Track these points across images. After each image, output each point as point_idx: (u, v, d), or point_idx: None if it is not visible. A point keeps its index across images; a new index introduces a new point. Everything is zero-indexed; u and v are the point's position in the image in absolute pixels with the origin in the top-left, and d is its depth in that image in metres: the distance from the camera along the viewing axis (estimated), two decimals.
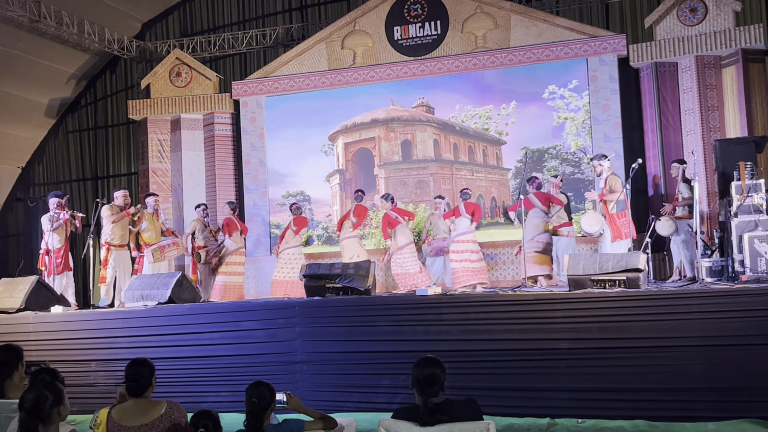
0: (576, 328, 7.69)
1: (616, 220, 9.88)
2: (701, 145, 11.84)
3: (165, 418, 4.50)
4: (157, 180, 14.97)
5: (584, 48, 12.75)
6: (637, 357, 7.42)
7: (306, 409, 4.84)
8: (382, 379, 8.26)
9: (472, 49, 13.39)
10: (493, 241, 12.90)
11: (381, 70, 13.84)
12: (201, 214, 12.55)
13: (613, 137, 12.53)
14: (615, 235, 9.84)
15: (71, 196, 15.32)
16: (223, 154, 14.84)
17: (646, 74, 12.56)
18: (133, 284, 10.34)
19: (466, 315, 8.21)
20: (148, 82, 15.17)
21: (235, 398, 7.69)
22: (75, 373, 9.28)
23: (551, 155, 13.01)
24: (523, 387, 7.79)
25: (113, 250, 11.24)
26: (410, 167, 13.86)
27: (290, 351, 8.78)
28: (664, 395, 7.29)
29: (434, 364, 4.16)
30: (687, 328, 7.32)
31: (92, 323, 9.65)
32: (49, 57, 14.96)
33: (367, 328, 8.57)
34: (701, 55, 12.05)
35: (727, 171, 9.92)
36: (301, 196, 14.28)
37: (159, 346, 9.13)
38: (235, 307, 9.60)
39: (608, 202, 9.88)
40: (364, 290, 9.61)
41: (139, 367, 4.59)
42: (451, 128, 13.66)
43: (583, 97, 12.82)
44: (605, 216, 9.95)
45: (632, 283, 8.13)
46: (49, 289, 10.73)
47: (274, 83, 14.47)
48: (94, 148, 16.56)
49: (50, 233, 11.21)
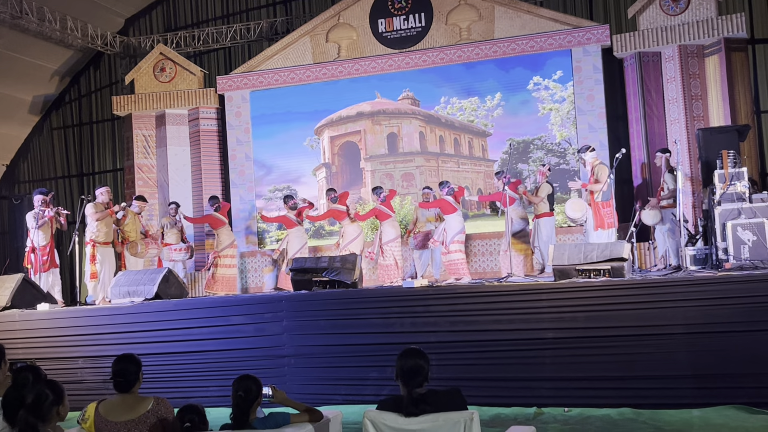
0: (561, 317, 7.75)
1: (600, 209, 9.94)
2: (685, 134, 11.90)
3: (152, 413, 4.52)
4: (143, 176, 14.93)
5: (568, 39, 12.78)
6: (623, 345, 7.48)
7: (292, 402, 4.86)
8: (370, 371, 8.30)
9: (456, 41, 13.40)
10: (480, 232, 12.93)
11: (366, 63, 13.84)
12: (172, 212, 12.72)
13: (597, 127, 12.58)
14: (597, 224, 9.91)
15: (57, 193, 15.27)
16: (209, 149, 14.81)
17: (630, 64, 12.61)
18: (120, 281, 10.33)
19: (453, 306, 8.25)
20: (132, 78, 15.11)
21: (223, 393, 7.65)
22: (62, 370, 9.28)
23: (536, 146, 13.05)
24: (510, 377, 7.85)
25: (98, 246, 11.22)
26: (396, 160, 13.87)
27: (278, 345, 8.80)
28: (650, 383, 7.35)
29: (418, 355, 4.18)
30: (671, 316, 7.38)
31: (79, 320, 9.64)
32: (32, 53, 14.88)
33: (354, 321, 8.60)
34: (684, 45, 12.11)
35: (710, 159, 9.98)
36: (287, 190, 14.27)
37: (146, 342, 9.14)
38: (221, 302, 9.59)
39: (594, 192, 9.95)
40: (351, 283, 9.62)
41: (126, 363, 4.60)
42: (437, 120, 13.68)
43: (568, 88, 12.86)
44: (590, 204, 10.03)
45: (617, 272, 8.18)
46: (35, 286, 10.71)
47: (258, 77, 14.45)
48: (79, 144, 16.50)
49: (35, 230, 11.17)
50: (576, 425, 6.97)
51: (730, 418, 6.76)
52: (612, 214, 9.99)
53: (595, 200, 10.00)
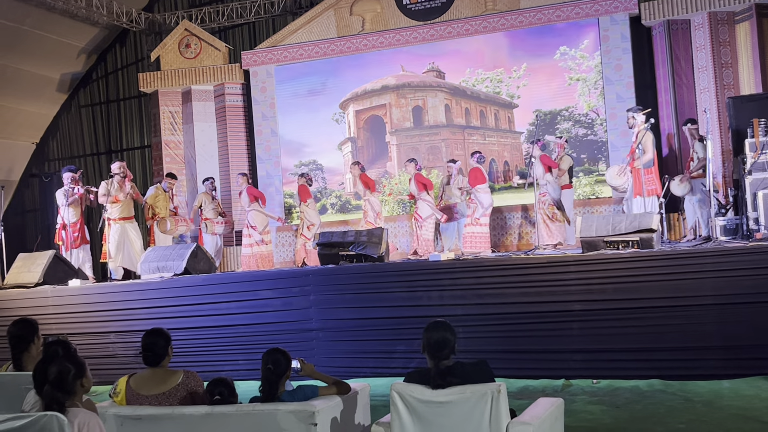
0: (589, 289, 7.71)
1: (641, 176, 9.79)
2: (715, 102, 11.71)
3: (182, 386, 4.58)
4: (170, 152, 15.01)
5: (595, 7, 12.58)
6: (651, 317, 7.44)
7: (320, 375, 4.89)
8: (397, 344, 8.34)
9: (481, 12, 13.25)
10: (508, 205, 12.86)
11: (390, 36, 13.75)
12: (209, 187, 12.68)
13: (625, 97, 12.41)
14: (636, 191, 9.75)
15: (86, 171, 15.40)
16: (235, 125, 14.84)
17: (659, 32, 12.41)
18: (149, 256, 10.43)
19: (479, 279, 8.24)
20: (158, 55, 15.15)
21: (252, 366, 7.77)
22: (94, 345, 9.43)
23: (563, 117, 12.92)
24: (538, 349, 7.85)
25: (112, 223, 11.34)
26: (422, 133, 13.81)
27: (305, 319, 8.86)
28: (679, 354, 7.32)
29: (444, 327, 4.19)
30: (701, 287, 7.32)
31: (110, 296, 9.77)
32: (59, 32, 14.95)
33: (381, 295, 8.62)
34: (714, 12, 11.88)
35: (741, 128, 9.82)
36: (313, 165, 14.29)
37: (176, 317, 9.25)
38: (249, 277, 9.67)
39: (635, 159, 9.82)
40: (378, 257, 9.63)
41: (155, 337, 4.65)
42: (462, 93, 13.58)
43: (595, 58, 12.69)
44: (631, 171, 9.89)
45: (645, 243, 8.11)
46: (66, 263, 10.86)
47: (283, 52, 14.41)
48: (106, 121, 16.61)
49: (65, 208, 11.30)
50: (604, 397, 6.96)
51: (761, 389, 6.72)
52: (654, 181, 9.81)
53: (635, 167, 9.88)
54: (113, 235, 11.29)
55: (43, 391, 3.71)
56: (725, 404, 6.38)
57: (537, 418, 4.13)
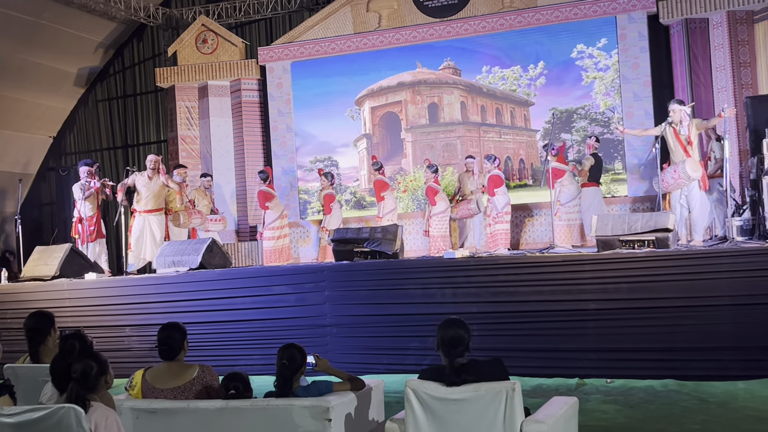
0: (605, 288, 7.69)
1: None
2: (733, 102, 11.62)
3: (197, 380, 4.61)
4: (186, 147, 15.07)
5: (613, 5, 12.53)
6: (666, 317, 7.41)
7: (334, 371, 4.90)
8: (411, 341, 8.34)
9: (498, 9, 13.22)
10: (523, 203, 12.84)
11: (407, 33, 13.74)
12: (205, 183, 12.73)
13: (642, 96, 12.36)
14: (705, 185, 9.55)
15: (102, 165, 15.49)
16: (251, 121, 14.88)
17: (677, 31, 12.34)
18: (165, 251, 10.48)
19: (494, 277, 8.23)
20: (175, 50, 15.20)
21: (266, 361, 7.79)
22: (110, 338, 9.48)
23: (580, 115, 12.88)
24: (552, 348, 7.83)
25: (136, 215, 11.46)
26: (437, 130, 13.80)
27: (319, 315, 8.88)
28: (694, 355, 7.28)
29: (459, 325, 4.19)
30: (716, 288, 7.28)
31: (126, 289, 9.81)
32: (77, 26, 15.03)
33: (395, 292, 8.63)
34: (733, 10, 11.80)
35: (759, 128, 9.76)
36: (328, 161, 14.30)
37: (191, 311, 9.28)
38: (264, 272, 9.69)
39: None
40: (392, 254, 9.64)
41: (171, 331, 4.68)
42: (478, 90, 13.56)
43: (612, 56, 12.64)
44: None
45: (661, 243, 8.08)
46: (82, 256, 10.93)
47: (299, 48, 14.44)
48: (123, 116, 16.68)
49: (82, 201, 11.37)
50: (618, 396, 6.95)
51: None
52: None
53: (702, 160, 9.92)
54: (135, 227, 11.42)
55: (68, 389, 3.75)
56: (740, 405, 6.35)
57: (551, 417, 4.13)
